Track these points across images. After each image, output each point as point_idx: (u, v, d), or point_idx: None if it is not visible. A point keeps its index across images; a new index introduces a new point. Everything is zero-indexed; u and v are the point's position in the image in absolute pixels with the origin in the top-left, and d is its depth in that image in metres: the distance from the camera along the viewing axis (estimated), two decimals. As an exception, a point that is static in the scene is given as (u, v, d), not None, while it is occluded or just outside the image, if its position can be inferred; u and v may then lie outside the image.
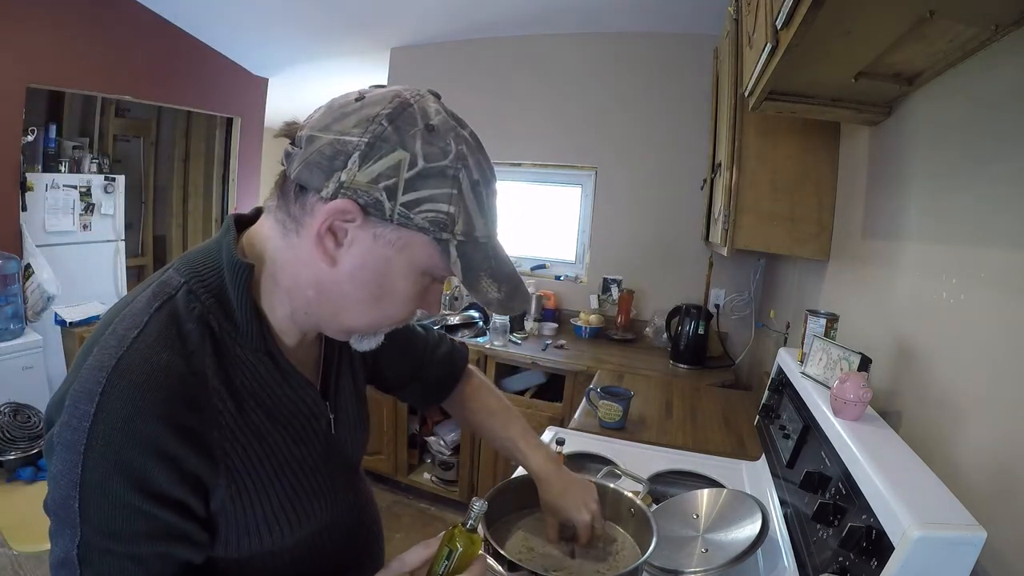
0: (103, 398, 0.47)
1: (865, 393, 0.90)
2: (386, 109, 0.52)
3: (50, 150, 3.20)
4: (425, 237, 0.53)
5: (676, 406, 1.83)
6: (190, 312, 0.54)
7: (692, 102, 2.66)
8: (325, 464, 0.66)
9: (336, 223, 0.52)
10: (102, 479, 0.47)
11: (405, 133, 0.51)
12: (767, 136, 1.63)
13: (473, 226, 0.54)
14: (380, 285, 0.56)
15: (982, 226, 0.87)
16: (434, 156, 0.51)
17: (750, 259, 2.58)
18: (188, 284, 0.55)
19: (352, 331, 0.60)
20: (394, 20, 3.02)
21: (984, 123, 0.90)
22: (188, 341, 0.53)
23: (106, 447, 0.47)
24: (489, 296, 0.56)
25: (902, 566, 0.60)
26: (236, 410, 0.55)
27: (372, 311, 0.57)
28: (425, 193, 0.51)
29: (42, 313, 2.81)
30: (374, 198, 0.51)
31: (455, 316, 2.88)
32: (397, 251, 0.54)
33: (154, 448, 0.48)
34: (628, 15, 2.68)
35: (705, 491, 1.11)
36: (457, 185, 0.52)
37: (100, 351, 0.50)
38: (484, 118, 3.34)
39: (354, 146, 0.50)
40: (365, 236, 0.53)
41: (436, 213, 0.52)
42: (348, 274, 0.55)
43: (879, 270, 1.27)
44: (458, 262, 0.54)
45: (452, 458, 2.70)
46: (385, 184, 0.51)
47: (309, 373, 0.66)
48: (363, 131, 0.51)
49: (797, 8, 0.79)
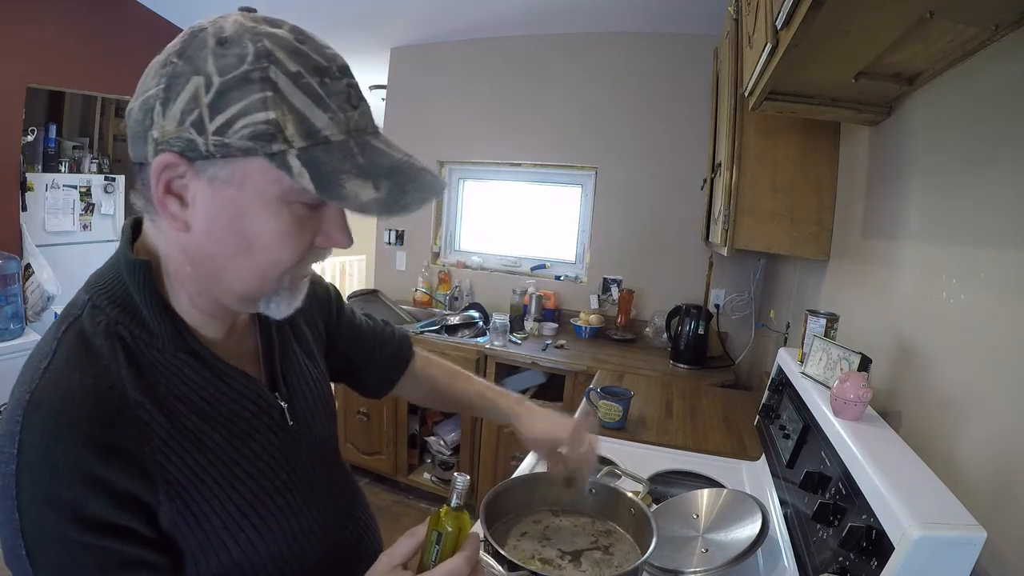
0: (22, 435, 0.45)
1: (865, 393, 0.90)
2: (175, 46, 0.47)
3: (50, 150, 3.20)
4: (259, 160, 0.46)
5: (676, 406, 1.83)
6: (96, 327, 0.51)
7: (692, 102, 2.66)
8: (287, 459, 0.62)
9: (172, 184, 0.48)
10: (38, 521, 0.45)
11: (197, 59, 0.46)
12: (767, 136, 1.63)
13: (313, 125, 0.47)
14: (240, 232, 0.49)
15: (982, 226, 0.87)
16: (229, 67, 0.45)
17: (750, 259, 2.58)
18: (92, 299, 0.53)
19: (245, 295, 0.54)
20: (394, 20, 3.02)
21: (984, 123, 0.90)
22: (99, 357, 0.50)
23: (34, 486, 0.45)
24: (362, 200, 0.47)
25: (902, 566, 0.60)
26: (166, 420, 0.52)
27: (248, 264, 0.51)
28: (233, 109, 0.45)
29: (42, 313, 2.81)
30: (186, 140, 0.46)
31: (455, 316, 2.88)
32: (238, 188, 0.48)
33: (80, 476, 0.45)
34: (628, 15, 2.68)
35: (705, 491, 1.11)
36: (270, 86, 0.45)
37: (16, 389, 0.48)
38: (484, 118, 3.35)
39: (154, 97, 0.46)
40: (202, 185, 0.48)
41: (254, 126, 0.45)
42: (204, 232, 0.50)
43: (879, 270, 1.27)
44: (304, 171, 0.46)
45: (452, 458, 2.70)
46: (191, 120, 0.45)
47: (248, 364, 0.62)
48: (159, 78, 0.47)
49: (797, 8, 0.79)
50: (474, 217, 3.35)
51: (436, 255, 3.33)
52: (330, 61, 0.49)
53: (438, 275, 3.24)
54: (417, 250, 3.34)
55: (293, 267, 0.53)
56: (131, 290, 0.53)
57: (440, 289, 3.22)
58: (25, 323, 2.70)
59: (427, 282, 3.25)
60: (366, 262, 4.13)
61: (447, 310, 3.09)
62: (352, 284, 4.17)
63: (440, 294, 3.20)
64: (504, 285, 3.05)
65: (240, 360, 0.61)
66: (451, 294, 3.16)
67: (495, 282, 3.13)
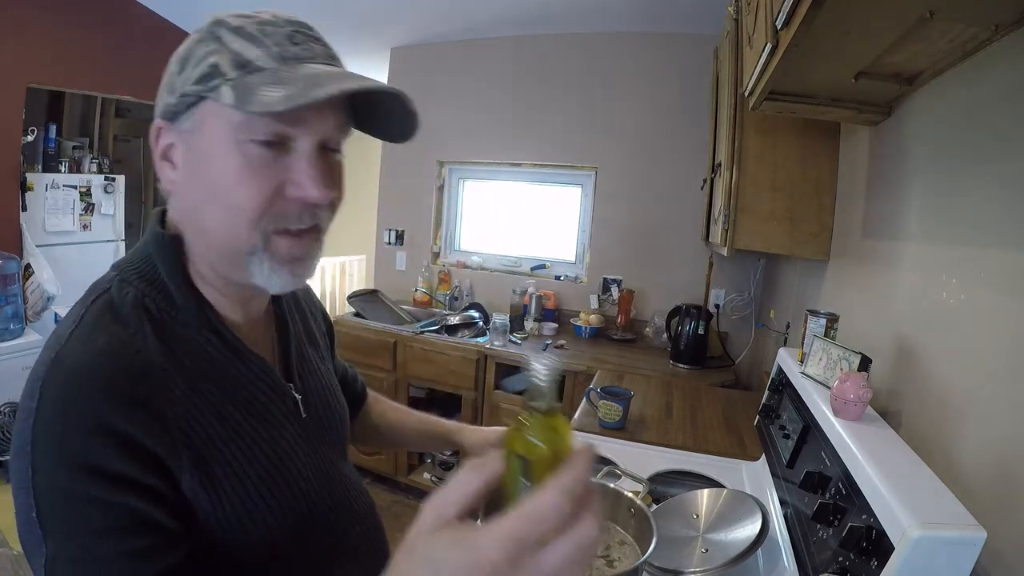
0: (43, 390, 0.45)
1: (865, 393, 0.90)
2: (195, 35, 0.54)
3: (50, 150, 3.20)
4: (208, 103, 0.50)
5: (676, 406, 1.83)
6: (124, 298, 0.52)
7: (692, 102, 2.66)
8: (301, 448, 0.61)
9: (167, 151, 0.54)
10: (51, 474, 0.43)
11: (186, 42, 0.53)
12: (767, 136, 1.63)
13: (244, 57, 0.50)
14: (204, 178, 0.52)
15: (982, 226, 0.87)
16: (192, 40, 0.53)
17: (750, 259, 2.58)
18: (120, 275, 0.55)
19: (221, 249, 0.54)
20: (394, 20, 3.02)
21: (984, 123, 0.89)
22: (127, 324, 0.50)
23: (49, 439, 0.44)
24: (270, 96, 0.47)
25: (902, 566, 0.60)
26: (190, 390, 0.51)
27: (217, 211, 0.52)
28: (190, 67, 0.51)
29: (42, 313, 2.81)
30: (164, 103, 0.53)
31: (455, 316, 2.88)
32: (199, 134, 0.51)
33: (99, 427, 0.44)
34: (628, 15, 2.68)
35: (705, 491, 1.11)
36: (213, 39, 0.51)
37: (42, 354, 0.49)
38: (484, 118, 3.35)
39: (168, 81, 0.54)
40: (179, 142, 0.53)
41: (200, 71, 0.50)
42: (184, 186, 0.54)
43: (879, 270, 1.27)
44: (231, 92, 0.48)
45: (452, 458, 2.70)
46: (168, 87, 0.53)
47: (265, 354, 0.62)
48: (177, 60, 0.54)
49: (797, 8, 0.79)
50: (474, 217, 3.35)
51: (436, 255, 3.33)
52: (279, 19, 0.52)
53: (438, 275, 3.24)
54: (417, 250, 3.34)
55: (261, 217, 0.51)
56: (159, 266, 0.55)
57: (440, 289, 3.22)
58: (25, 323, 2.70)
59: (427, 282, 3.25)
60: (366, 262, 4.13)
61: (447, 310, 3.09)
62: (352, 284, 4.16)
63: (440, 294, 3.20)
64: (504, 285, 3.05)
65: (257, 348, 0.61)
66: (451, 294, 3.16)
67: (495, 282, 3.14)
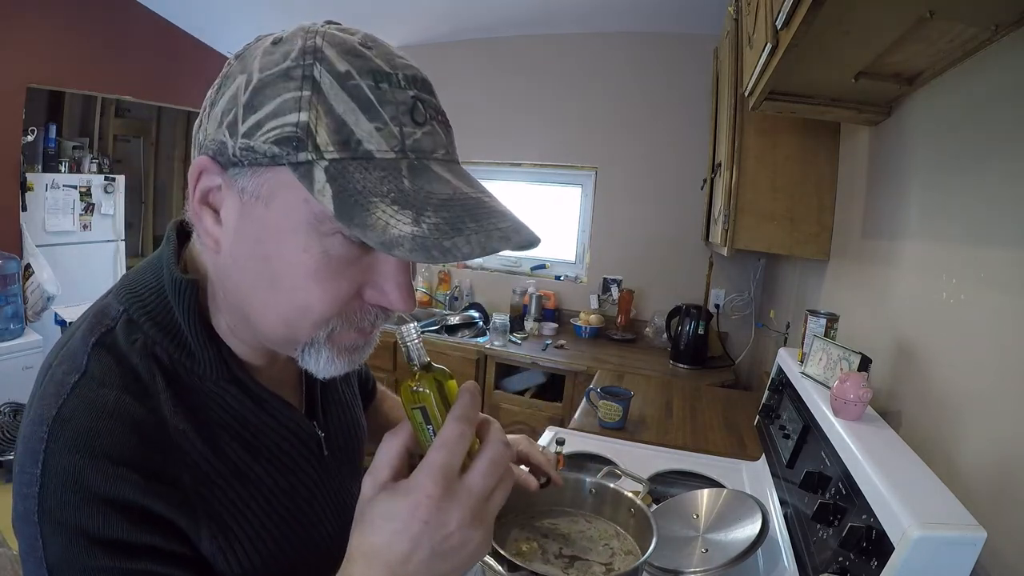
0: (47, 455, 0.40)
1: (865, 393, 0.90)
2: (241, 48, 0.43)
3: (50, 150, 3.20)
4: (286, 171, 0.38)
5: (676, 406, 1.83)
6: (132, 345, 0.45)
7: (692, 102, 2.66)
8: (321, 489, 0.58)
9: (210, 195, 0.43)
10: (65, 548, 0.39)
11: (248, 58, 0.41)
12: (767, 136, 1.63)
13: (352, 133, 0.38)
14: (264, 261, 0.41)
15: (982, 226, 0.87)
16: (272, 63, 0.39)
17: (750, 259, 2.58)
18: (128, 312, 0.47)
19: (271, 338, 0.46)
20: (394, 20, 3.02)
21: (984, 123, 0.89)
22: (137, 378, 0.44)
23: (61, 510, 0.39)
24: (391, 233, 0.36)
25: (902, 566, 0.60)
26: (208, 450, 0.47)
27: (272, 302, 0.43)
28: (266, 109, 0.38)
29: (42, 313, 2.81)
30: (219, 142, 0.40)
31: (455, 316, 2.88)
32: (266, 205, 0.40)
33: (112, 499, 0.40)
34: (628, 15, 2.68)
35: (705, 491, 1.11)
36: (310, 85, 0.38)
37: (39, 403, 0.43)
38: (484, 118, 3.35)
39: (207, 99, 0.43)
40: (233, 199, 0.41)
41: (281, 128, 0.38)
42: (231, 255, 0.43)
43: (879, 270, 1.27)
44: (328, 188, 0.37)
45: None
46: (227, 121, 0.40)
47: (289, 391, 0.58)
48: (219, 80, 0.43)
49: (797, 8, 0.79)
50: (474, 217, 3.34)
51: (436, 255, 3.33)
52: (397, 68, 0.41)
53: (438, 275, 3.24)
54: (417, 250, 3.33)
55: (331, 319, 0.43)
56: (174, 309, 0.47)
57: (440, 289, 3.22)
58: (25, 323, 2.70)
59: (427, 282, 3.25)
60: (366, 262, 4.13)
61: (447, 310, 3.09)
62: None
63: (440, 294, 3.20)
64: (504, 285, 3.05)
65: (281, 387, 0.56)
66: (451, 294, 3.16)
67: (495, 282, 3.14)
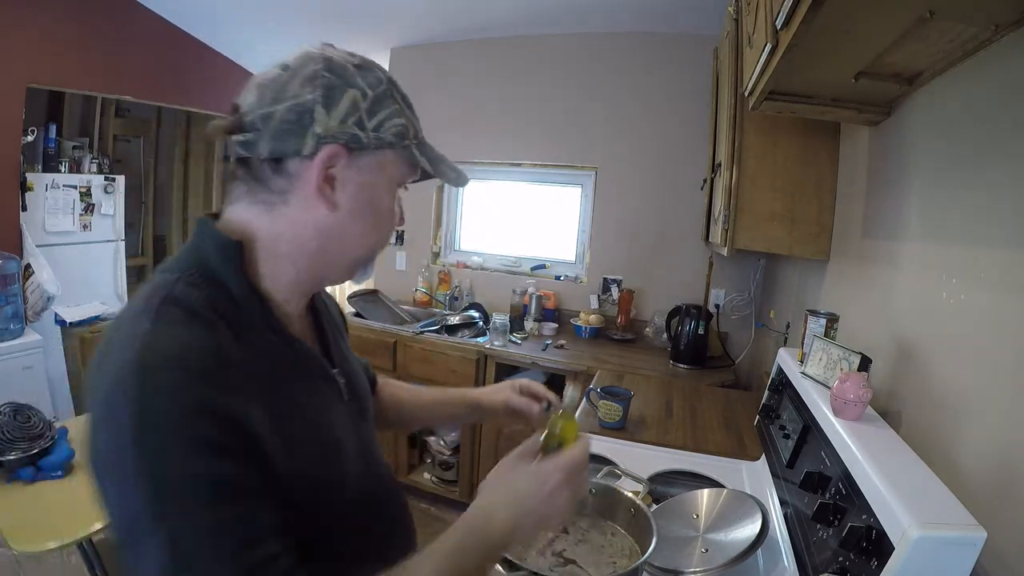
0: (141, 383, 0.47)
1: (865, 393, 0.90)
2: (319, 65, 0.58)
3: (50, 150, 3.19)
4: (391, 152, 0.62)
5: (676, 406, 1.83)
6: (194, 299, 0.55)
7: (692, 102, 2.66)
8: (346, 430, 0.68)
9: (329, 171, 0.59)
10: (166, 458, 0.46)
11: (346, 76, 0.59)
12: (767, 136, 1.63)
13: (417, 128, 0.66)
14: (374, 210, 0.63)
15: (982, 226, 0.87)
16: (374, 84, 0.61)
17: (750, 259, 2.58)
18: (182, 278, 0.56)
19: (358, 263, 0.66)
20: (394, 20, 3.02)
21: (984, 123, 0.90)
22: (205, 322, 0.53)
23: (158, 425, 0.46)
24: (450, 176, 0.68)
25: (902, 566, 0.60)
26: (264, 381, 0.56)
27: (373, 235, 0.65)
28: (383, 114, 0.61)
29: (42, 313, 2.80)
30: (351, 134, 0.58)
31: (455, 316, 2.88)
32: (378, 174, 0.62)
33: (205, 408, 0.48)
34: (628, 15, 2.68)
35: (705, 491, 1.11)
36: (397, 101, 0.63)
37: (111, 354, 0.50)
38: (484, 118, 3.35)
39: (313, 101, 0.57)
40: (352, 173, 0.60)
41: (397, 127, 0.62)
42: (349, 211, 0.61)
43: (879, 270, 1.27)
44: (423, 159, 0.64)
45: (452, 458, 2.70)
46: (353, 120, 0.58)
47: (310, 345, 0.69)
48: (313, 88, 0.57)
49: (797, 8, 0.79)
50: (474, 217, 3.34)
51: (436, 255, 3.33)
52: None
53: (438, 275, 3.24)
54: (417, 250, 3.34)
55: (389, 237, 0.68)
56: (219, 270, 0.58)
57: (440, 289, 3.22)
58: (25, 323, 2.70)
59: (427, 282, 3.25)
60: (366, 262, 4.13)
61: (447, 310, 3.09)
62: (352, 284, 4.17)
63: (440, 294, 3.20)
64: (504, 285, 3.05)
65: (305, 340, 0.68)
66: (451, 294, 3.16)
67: (495, 282, 3.13)
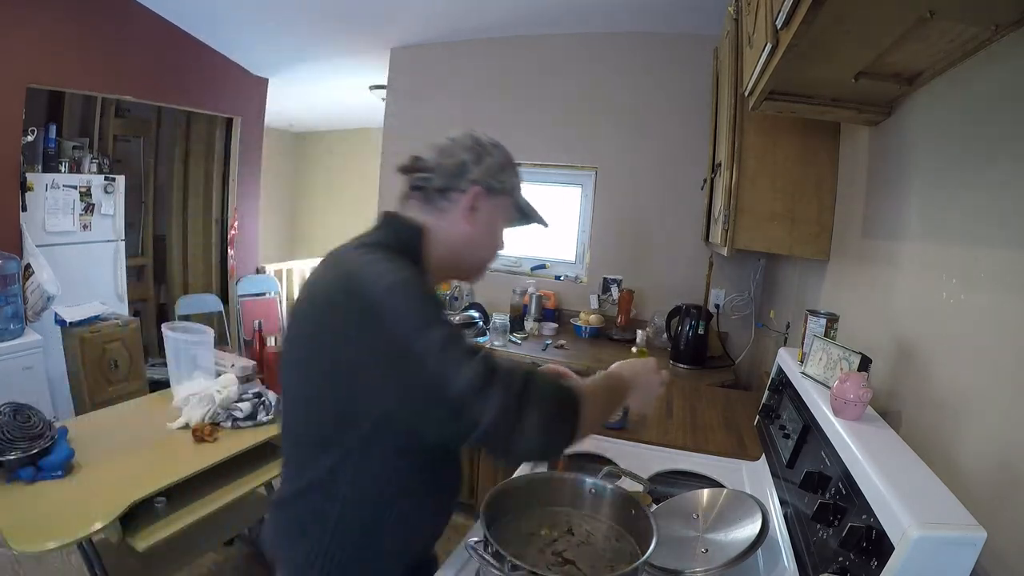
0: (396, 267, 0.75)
1: (865, 393, 0.90)
2: (471, 141, 0.90)
3: (50, 150, 3.19)
4: (508, 199, 0.92)
5: (676, 406, 1.83)
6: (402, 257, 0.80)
7: (692, 102, 2.66)
8: None
9: (475, 202, 0.88)
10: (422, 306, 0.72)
11: (487, 148, 0.91)
12: (767, 136, 1.63)
13: (520, 187, 0.95)
14: (493, 232, 0.93)
15: (982, 226, 0.87)
16: (505, 156, 0.93)
17: (750, 259, 2.58)
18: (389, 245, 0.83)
19: (479, 268, 0.96)
20: (394, 20, 3.02)
21: (984, 123, 0.90)
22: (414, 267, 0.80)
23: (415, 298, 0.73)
24: (539, 218, 0.99)
25: (902, 566, 0.60)
26: None
27: (492, 248, 0.94)
28: (506, 174, 0.92)
29: (42, 313, 2.80)
30: (489, 183, 0.89)
31: (455, 316, 2.88)
32: (500, 210, 0.92)
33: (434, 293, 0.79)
34: (628, 15, 2.68)
35: (705, 491, 1.11)
36: (515, 169, 0.94)
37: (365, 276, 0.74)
38: (484, 118, 3.35)
39: (471, 160, 0.88)
40: (487, 205, 0.90)
41: (514, 184, 0.93)
42: (480, 231, 0.90)
43: (879, 270, 1.27)
44: (523, 206, 0.96)
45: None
46: (490, 174, 0.89)
47: None
48: (470, 151, 0.89)
49: (797, 8, 0.79)
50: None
51: (436, 255, 3.33)
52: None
53: (438, 275, 3.24)
54: (417, 250, 3.33)
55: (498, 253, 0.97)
56: (409, 244, 0.86)
57: (440, 289, 3.22)
58: (25, 323, 2.70)
59: (427, 282, 3.24)
60: (366, 262, 4.13)
61: (447, 310, 3.09)
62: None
63: (440, 294, 3.20)
64: (504, 285, 3.05)
65: None
66: (451, 294, 3.16)
67: (495, 282, 3.13)
